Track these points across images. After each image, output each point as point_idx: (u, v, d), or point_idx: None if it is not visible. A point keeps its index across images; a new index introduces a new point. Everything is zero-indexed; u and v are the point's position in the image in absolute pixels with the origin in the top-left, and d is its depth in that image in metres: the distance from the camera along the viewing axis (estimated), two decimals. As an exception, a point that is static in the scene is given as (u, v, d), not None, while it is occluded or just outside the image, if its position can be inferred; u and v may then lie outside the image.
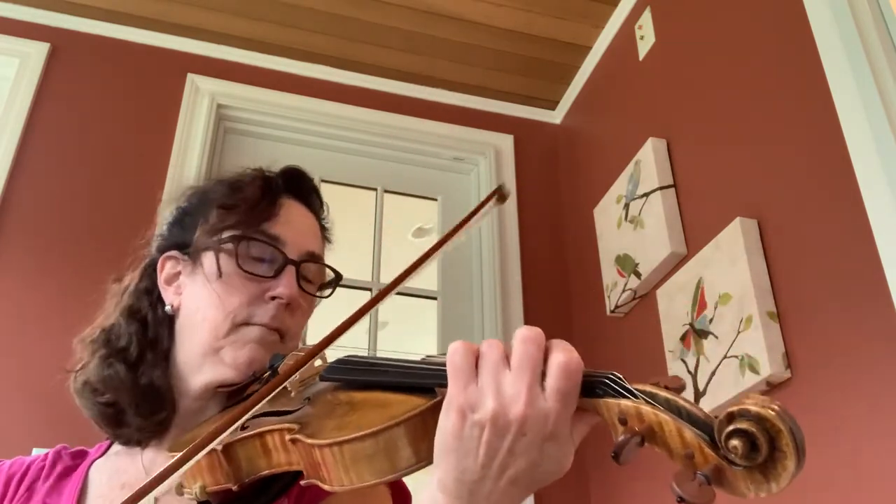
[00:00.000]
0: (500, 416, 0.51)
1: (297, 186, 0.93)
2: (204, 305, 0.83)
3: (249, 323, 0.83)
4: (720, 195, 1.88)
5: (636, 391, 0.50)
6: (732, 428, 0.45)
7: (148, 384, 0.83)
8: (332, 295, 0.93)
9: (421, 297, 2.59)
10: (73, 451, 0.90)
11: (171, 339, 0.86)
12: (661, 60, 2.29)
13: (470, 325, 2.52)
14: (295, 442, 0.61)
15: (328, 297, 0.92)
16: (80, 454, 0.90)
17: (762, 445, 0.45)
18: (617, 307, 2.22)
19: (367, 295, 2.45)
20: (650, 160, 2.13)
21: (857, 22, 1.55)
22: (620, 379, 0.51)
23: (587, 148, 2.69)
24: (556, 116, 2.93)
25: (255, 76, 2.64)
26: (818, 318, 1.51)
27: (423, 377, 0.59)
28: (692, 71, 2.10)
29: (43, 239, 2.20)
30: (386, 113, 2.72)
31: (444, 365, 0.55)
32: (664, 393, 0.49)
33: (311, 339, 0.98)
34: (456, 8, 2.53)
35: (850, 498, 1.37)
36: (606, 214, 2.36)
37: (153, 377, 0.83)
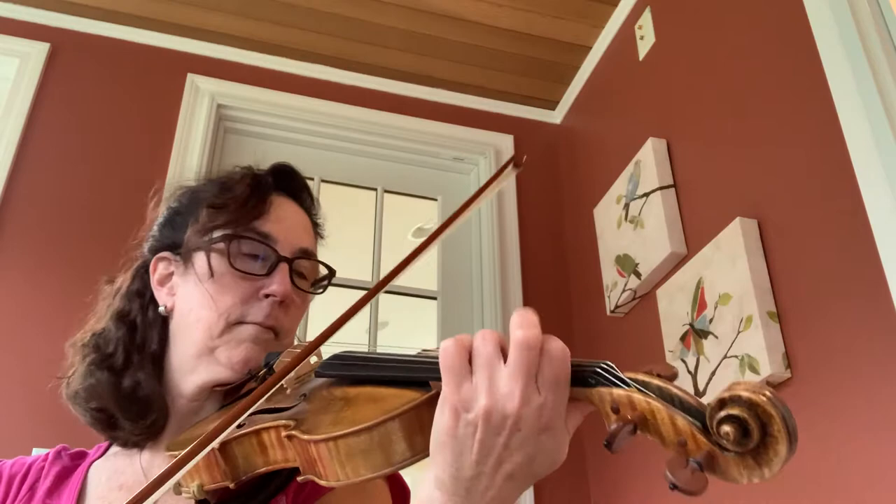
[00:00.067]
0: (494, 413, 0.51)
1: (286, 183, 0.92)
2: (197, 306, 0.83)
3: (243, 322, 0.82)
4: (720, 195, 1.88)
5: (628, 380, 0.50)
6: (724, 414, 0.45)
7: (132, 388, 0.82)
8: (325, 291, 0.92)
9: (421, 296, 2.58)
10: (72, 451, 0.90)
11: (163, 340, 0.86)
12: (661, 61, 2.28)
13: (470, 324, 2.51)
14: (291, 438, 0.62)
15: (322, 293, 0.92)
16: (79, 455, 0.90)
17: (753, 431, 0.45)
18: (617, 307, 2.22)
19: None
20: (650, 160, 2.13)
21: (857, 22, 1.55)
22: (612, 368, 0.51)
23: (587, 148, 2.68)
24: (555, 116, 2.93)
25: (254, 76, 2.64)
26: (818, 318, 1.50)
27: (417, 371, 0.59)
28: (692, 71, 2.10)
29: (43, 239, 2.20)
30: (386, 113, 2.71)
31: (438, 358, 0.55)
32: (656, 381, 0.49)
33: (311, 338, 0.98)
34: (456, 8, 2.53)
35: (850, 497, 1.37)
36: (606, 214, 2.36)
37: (138, 379, 0.82)
